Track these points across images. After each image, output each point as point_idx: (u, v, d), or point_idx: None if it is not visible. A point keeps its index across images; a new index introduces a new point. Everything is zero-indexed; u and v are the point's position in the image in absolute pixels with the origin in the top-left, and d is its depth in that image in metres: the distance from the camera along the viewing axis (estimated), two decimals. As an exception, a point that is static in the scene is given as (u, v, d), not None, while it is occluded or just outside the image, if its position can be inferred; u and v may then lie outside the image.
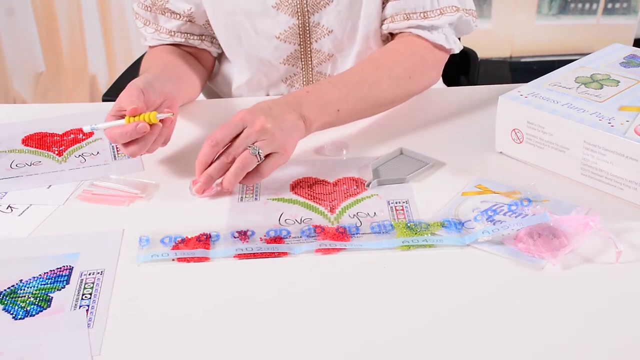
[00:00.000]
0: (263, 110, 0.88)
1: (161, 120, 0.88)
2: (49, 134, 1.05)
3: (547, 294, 0.70)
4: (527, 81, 0.95)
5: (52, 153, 1.00)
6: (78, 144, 1.02)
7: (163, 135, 0.90)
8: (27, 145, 1.02)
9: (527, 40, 2.68)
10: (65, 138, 1.04)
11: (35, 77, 2.57)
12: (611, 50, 1.02)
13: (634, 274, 0.72)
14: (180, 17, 1.09)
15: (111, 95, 1.26)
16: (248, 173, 0.86)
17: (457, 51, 1.07)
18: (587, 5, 2.62)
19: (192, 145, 1.01)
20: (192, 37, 1.13)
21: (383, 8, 1.06)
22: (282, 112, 0.89)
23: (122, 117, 0.88)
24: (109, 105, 1.14)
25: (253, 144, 0.85)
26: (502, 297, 0.70)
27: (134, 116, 0.86)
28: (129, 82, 1.38)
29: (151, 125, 0.87)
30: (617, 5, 2.61)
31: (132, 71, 1.36)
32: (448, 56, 1.08)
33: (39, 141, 1.03)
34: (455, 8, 1.04)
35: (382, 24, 1.07)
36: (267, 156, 0.86)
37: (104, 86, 2.58)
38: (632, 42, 2.64)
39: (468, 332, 0.66)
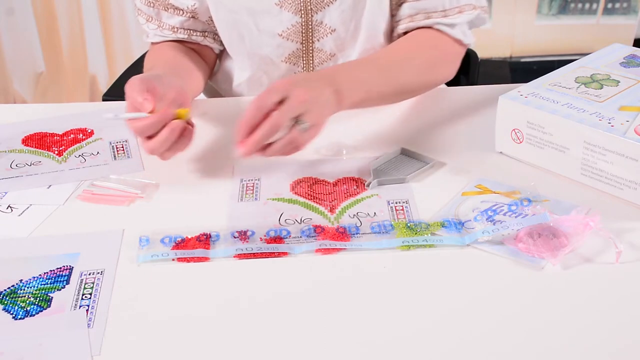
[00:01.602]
0: (303, 82, 0.88)
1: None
2: (49, 134, 1.05)
3: (547, 294, 0.70)
4: (527, 81, 0.95)
5: (52, 153, 1.00)
6: (78, 144, 1.02)
7: (187, 137, 0.88)
8: (27, 145, 1.02)
9: (527, 40, 2.68)
10: (65, 138, 1.04)
11: (35, 77, 2.57)
12: (611, 50, 1.02)
13: (634, 274, 0.72)
14: (183, 13, 1.09)
15: (111, 95, 1.26)
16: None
17: (471, 46, 1.11)
18: (587, 5, 2.62)
19: (192, 145, 1.00)
20: (195, 34, 1.12)
21: (396, 8, 1.08)
22: (319, 85, 0.89)
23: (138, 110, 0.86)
24: (109, 105, 1.15)
25: (298, 116, 0.85)
26: (502, 297, 0.70)
27: (151, 111, 0.85)
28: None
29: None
30: (617, 5, 2.61)
31: (132, 71, 1.36)
32: (465, 51, 1.11)
33: (39, 141, 1.03)
34: (473, 6, 1.07)
35: (398, 24, 1.08)
36: None
37: (104, 86, 2.58)
38: (632, 42, 2.63)
39: (468, 332, 0.66)
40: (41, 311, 0.71)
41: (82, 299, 0.72)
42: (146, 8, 1.11)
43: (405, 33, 1.09)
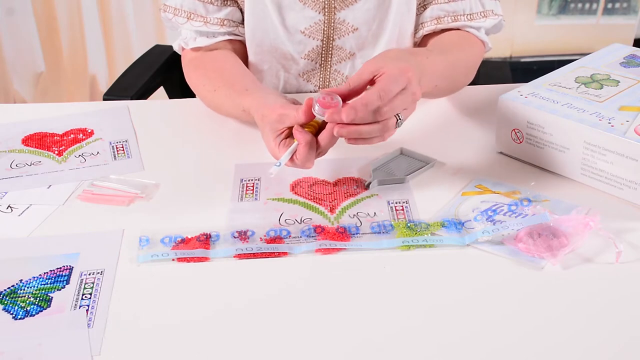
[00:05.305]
0: (417, 71, 0.83)
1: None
2: (49, 134, 1.05)
3: (547, 294, 0.70)
4: (527, 81, 0.95)
5: (52, 153, 1.00)
6: (78, 144, 1.02)
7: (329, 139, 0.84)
8: (27, 145, 1.02)
9: (527, 40, 2.68)
10: (65, 138, 1.04)
11: (35, 77, 2.57)
12: (611, 50, 1.02)
13: (634, 274, 0.72)
14: (229, 3, 1.08)
15: (111, 95, 1.25)
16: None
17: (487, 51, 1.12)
18: (587, 5, 2.62)
19: (192, 145, 1.01)
20: (241, 26, 1.11)
21: (420, 10, 1.09)
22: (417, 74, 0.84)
23: (287, 136, 0.85)
24: (110, 104, 1.14)
25: (402, 111, 0.82)
26: (502, 297, 0.70)
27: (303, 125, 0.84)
28: (129, 82, 1.36)
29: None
30: (617, 5, 2.60)
31: (132, 71, 1.36)
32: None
33: (39, 141, 1.03)
34: (496, 14, 1.09)
35: (422, 26, 1.09)
36: None
37: (104, 86, 2.58)
38: (632, 42, 2.63)
39: (468, 331, 0.66)
40: (41, 311, 0.71)
41: (82, 299, 0.72)
42: (190, 3, 1.07)
43: (428, 35, 1.10)
